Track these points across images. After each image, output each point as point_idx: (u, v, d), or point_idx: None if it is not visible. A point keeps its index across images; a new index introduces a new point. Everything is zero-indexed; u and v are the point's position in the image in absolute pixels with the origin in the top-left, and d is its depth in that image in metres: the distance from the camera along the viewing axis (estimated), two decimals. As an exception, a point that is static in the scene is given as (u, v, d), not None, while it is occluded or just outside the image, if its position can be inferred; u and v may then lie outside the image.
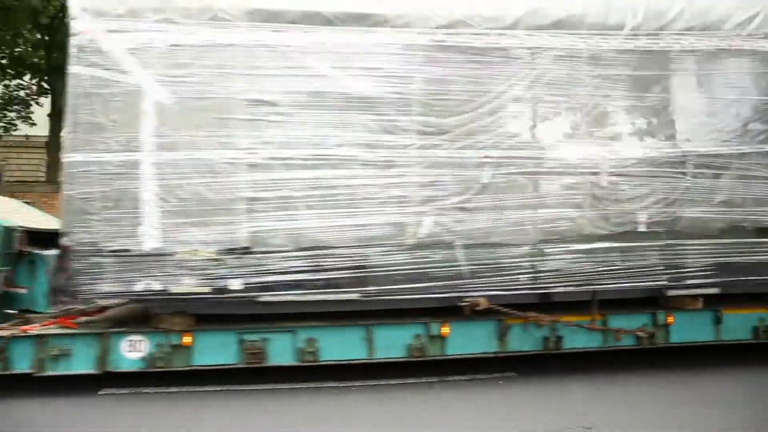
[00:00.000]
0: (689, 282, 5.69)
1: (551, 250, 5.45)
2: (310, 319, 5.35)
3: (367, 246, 5.16)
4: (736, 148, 5.82)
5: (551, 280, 5.44)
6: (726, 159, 5.80)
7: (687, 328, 5.92)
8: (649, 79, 5.68)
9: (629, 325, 5.80)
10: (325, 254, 5.12)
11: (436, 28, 5.34)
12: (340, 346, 5.36)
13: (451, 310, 5.46)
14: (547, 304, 5.65)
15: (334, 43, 5.17)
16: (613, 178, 5.56)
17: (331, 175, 5.14)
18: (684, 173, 5.73)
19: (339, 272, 5.14)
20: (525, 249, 5.40)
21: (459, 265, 5.29)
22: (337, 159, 5.16)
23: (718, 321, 5.95)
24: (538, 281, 5.43)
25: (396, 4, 5.33)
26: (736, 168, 5.83)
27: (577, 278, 5.48)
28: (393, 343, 5.43)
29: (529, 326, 5.53)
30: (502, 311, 5.35)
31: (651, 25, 5.73)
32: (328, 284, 5.15)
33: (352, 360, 5.39)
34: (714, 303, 5.95)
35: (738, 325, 6.03)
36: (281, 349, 5.27)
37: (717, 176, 5.80)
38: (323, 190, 5.13)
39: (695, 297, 5.85)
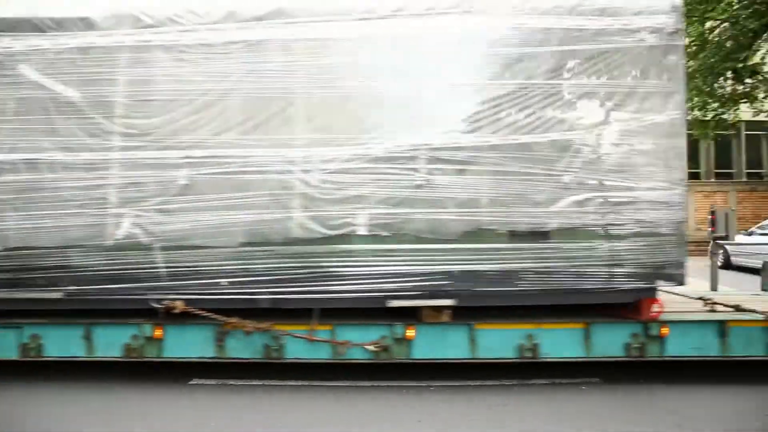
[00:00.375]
0: (415, 292, 5.10)
1: (255, 254, 5.17)
2: (38, 316, 5.56)
3: (68, 247, 5.26)
4: (482, 140, 5.09)
5: (256, 286, 5.17)
6: (470, 153, 5.10)
7: (433, 343, 5.31)
8: (350, 67, 5.15)
9: (364, 338, 5.32)
10: (30, 254, 5.30)
11: (143, 27, 5.27)
12: (61, 343, 5.50)
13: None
14: (278, 312, 5.34)
15: (42, 49, 5.29)
16: (326, 177, 5.12)
17: (36, 179, 5.30)
18: (415, 169, 5.12)
19: (44, 272, 5.28)
20: (226, 252, 5.18)
21: (158, 268, 5.21)
22: (42, 162, 5.29)
23: (472, 337, 5.27)
24: (242, 286, 5.17)
25: (105, 7, 5.33)
26: (483, 163, 5.11)
27: (286, 284, 5.15)
28: (111, 342, 5.47)
29: (243, 332, 5.29)
30: (202, 315, 5.17)
31: (387, 8, 5.19)
32: (34, 283, 5.33)
33: (74, 357, 5.52)
34: (470, 317, 5.28)
35: (497, 342, 5.29)
36: (7, 344, 5.52)
37: (460, 172, 5.12)
38: (29, 193, 5.29)
39: (438, 309, 5.22)
